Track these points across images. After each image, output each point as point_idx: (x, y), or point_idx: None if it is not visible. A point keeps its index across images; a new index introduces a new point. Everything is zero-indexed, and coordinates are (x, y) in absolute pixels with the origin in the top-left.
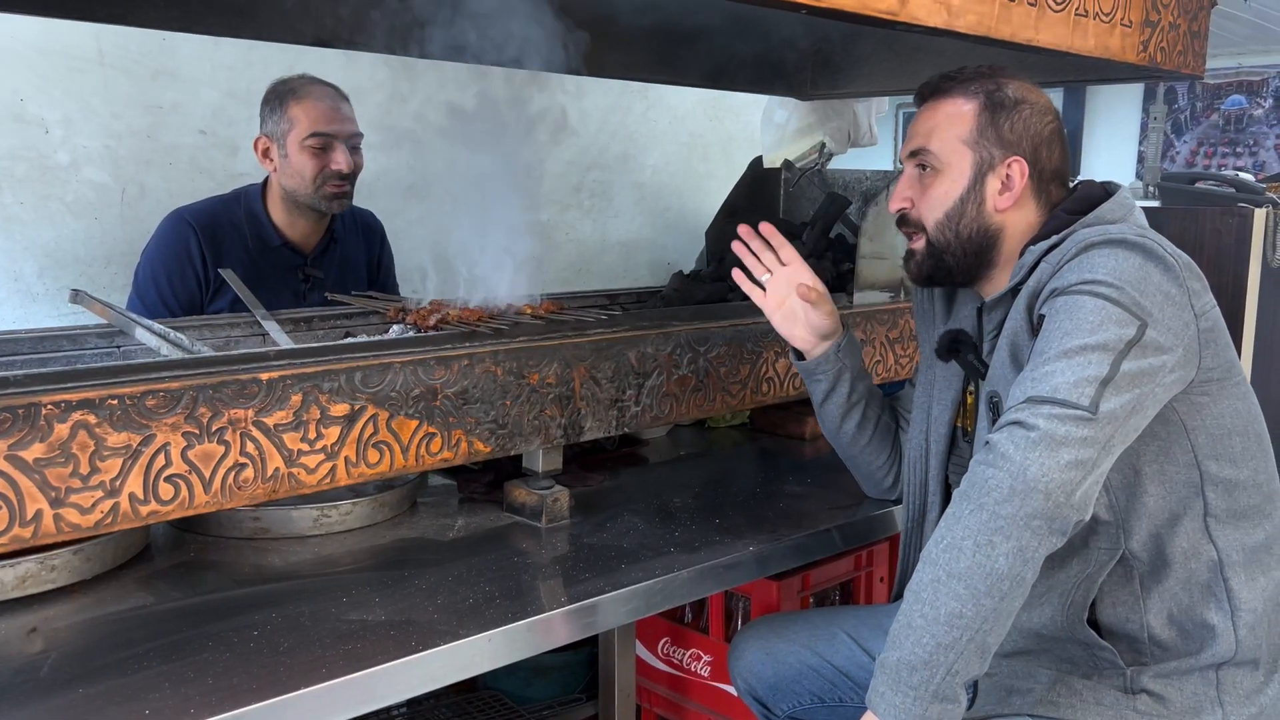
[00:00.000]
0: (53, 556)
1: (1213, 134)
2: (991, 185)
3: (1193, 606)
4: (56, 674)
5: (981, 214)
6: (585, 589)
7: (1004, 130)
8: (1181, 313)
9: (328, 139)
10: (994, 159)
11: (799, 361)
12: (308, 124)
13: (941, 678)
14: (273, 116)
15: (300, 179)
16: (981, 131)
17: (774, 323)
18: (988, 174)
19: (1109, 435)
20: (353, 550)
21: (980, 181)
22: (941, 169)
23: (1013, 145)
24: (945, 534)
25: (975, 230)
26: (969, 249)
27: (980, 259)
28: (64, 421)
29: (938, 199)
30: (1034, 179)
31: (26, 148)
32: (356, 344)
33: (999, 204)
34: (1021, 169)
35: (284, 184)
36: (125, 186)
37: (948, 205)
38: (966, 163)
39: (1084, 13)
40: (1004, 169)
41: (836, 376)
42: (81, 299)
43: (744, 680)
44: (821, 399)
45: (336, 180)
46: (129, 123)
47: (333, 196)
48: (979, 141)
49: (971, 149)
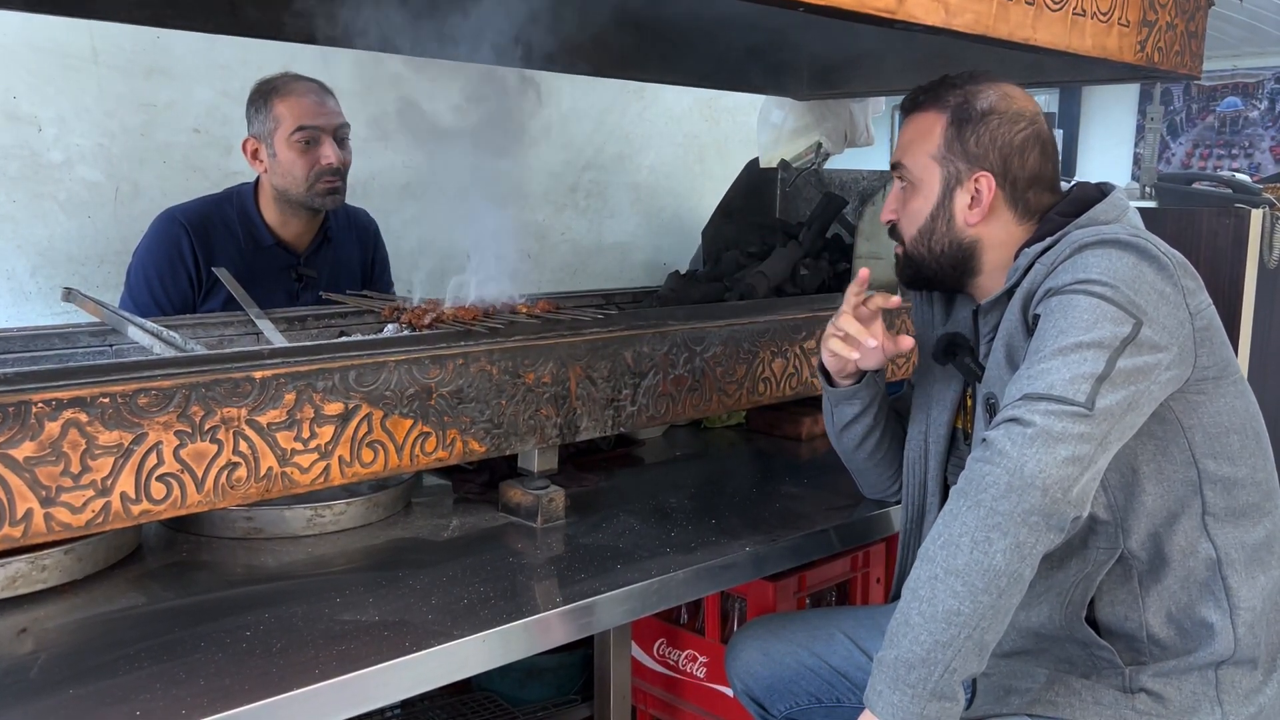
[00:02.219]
0: (43, 556)
1: (1208, 136)
2: (960, 200)
3: (1191, 605)
4: (46, 675)
5: (952, 229)
6: (581, 589)
7: (969, 144)
8: (1176, 311)
9: (314, 133)
10: (961, 174)
11: (831, 388)
12: (293, 120)
13: (939, 675)
14: (258, 116)
15: (291, 177)
16: (948, 146)
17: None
18: (955, 189)
19: (1105, 431)
20: (346, 550)
21: (949, 197)
22: (915, 184)
23: (979, 159)
24: (943, 531)
25: (948, 245)
26: (944, 262)
27: (959, 270)
28: (55, 420)
29: (913, 214)
30: (1006, 190)
31: (19, 145)
32: (351, 343)
33: (969, 219)
34: (989, 183)
35: (275, 184)
36: (118, 185)
37: (920, 221)
38: (935, 179)
39: (1081, 12)
40: (971, 184)
41: (866, 405)
42: (74, 297)
43: (741, 680)
44: (845, 423)
45: (328, 176)
46: (122, 121)
47: (325, 193)
48: (946, 157)
49: (940, 165)
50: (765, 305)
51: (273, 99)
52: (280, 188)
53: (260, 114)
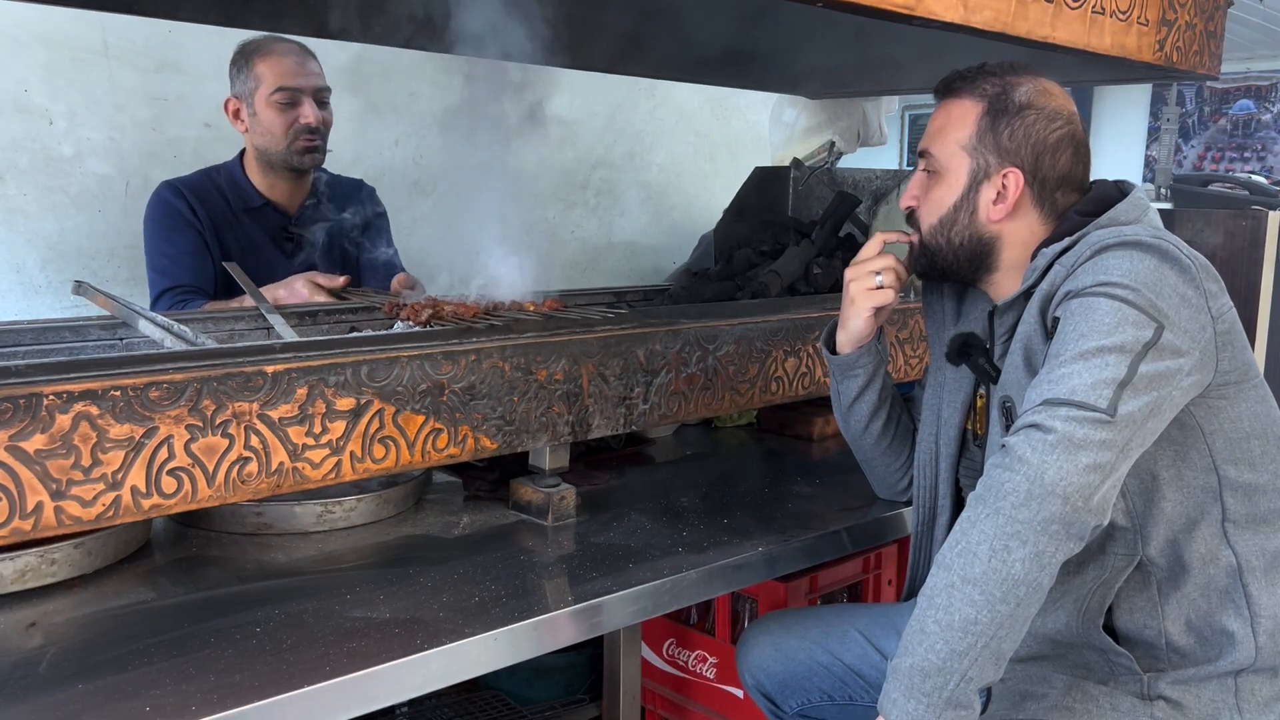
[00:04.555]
0: (53, 550)
1: (1220, 139)
2: (985, 194)
3: (1211, 613)
4: (55, 669)
5: (974, 222)
6: (592, 588)
7: (1003, 138)
8: (1198, 315)
9: (294, 93)
10: (990, 167)
11: (836, 357)
12: (273, 79)
13: (955, 684)
14: (240, 76)
15: (271, 136)
16: (980, 138)
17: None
18: (983, 183)
19: (1127, 438)
20: (357, 547)
21: (975, 190)
22: (940, 173)
23: (1010, 154)
24: (960, 538)
25: (967, 238)
26: (961, 255)
27: (976, 264)
28: (66, 412)
29: (934, 203)
30: (1033, 189)
31: (30, 139)
32: (363, 338)
33: (992, 214)
34: (1017, 180)
35: (256, 144)
36: (129, 179)
37: (942, 211)
38: (963, 169)
39: (1100, 10)
40: (999, 179)
41: (873, 370)
42: (84, 290)
43: (752, 676)
44: (855, 395)
45: (306, 135)
46: (133, 115)
47: (304, 151)
48: (977, 148)
49: (970, 155)
50: (778, 304)
51: (254, 59)
52: (260, 147)
53: (242, 74)
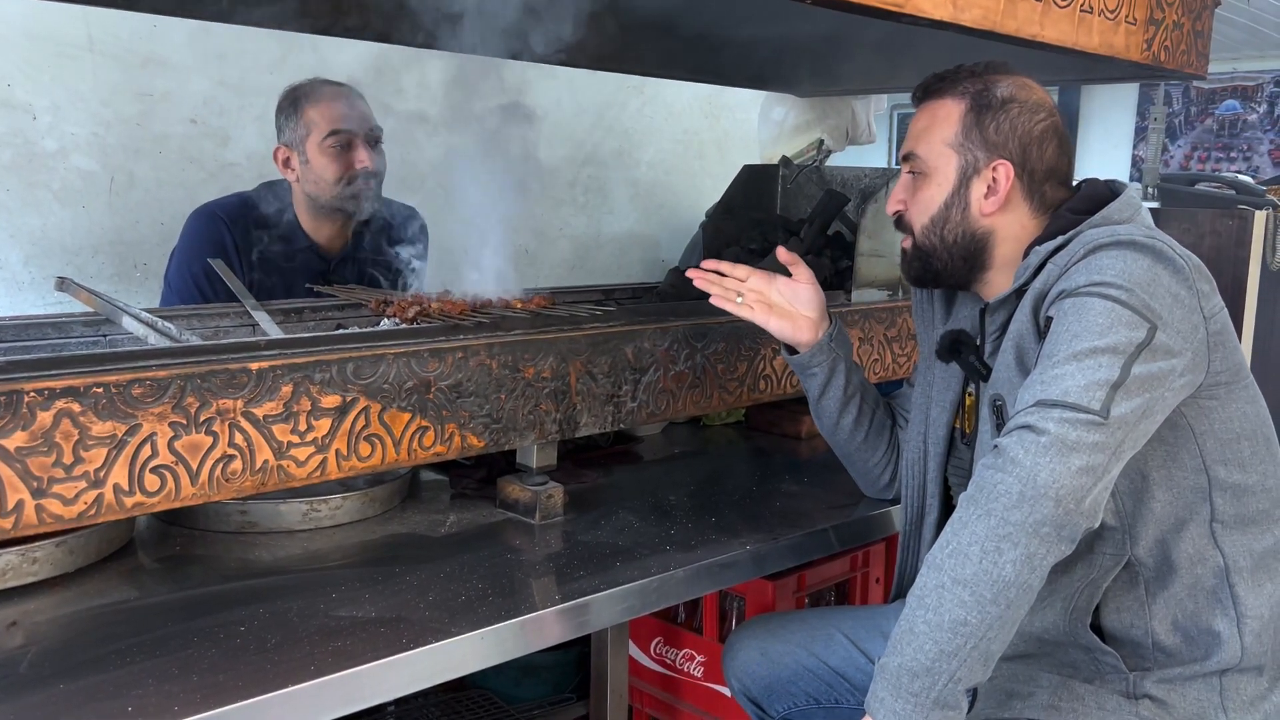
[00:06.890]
0: (34, 548)
1: (1207, 139)
2: (976, 189)
3: (1198, 613)
4: (36, 669)
5: (967, 219)
6: (579, 587)
7: (989, 132)
8: (1191, 315)
9: (348, 136)
10: (979, 162)
11: (793, 357)
12: (326, 124)
13: (943, 685)
14: (289, 124)
15: (324, 183)
16: (966, 134)
17: (772, 328)
18: (973, 178)
19: (1120, 440)
20: (342, 545)
21: (965, 186)
22: (928, 173)
23: (998, 147)
24: (951, 539)
25: (961, 235)
26: (955, 254)
27: (970, 263)
28: (47, 409)
29: (924, 203)
30: (1023, 181)
31: (13, 134)
32: (349, 335)
33: (985, 208)
34: (1007, 172)
35: (307, 190)
36: (113, 175)
37: (933, 210)
38: (951, 167)
39: (1089, 9)
40: (989, 172)
41: (832, 367)
42: (68, 286)
43: (738, 680)
44: (819, 393)
45: (363, 180)
46: (118, 110)
47: (357, 196)
48: (964, 144)
49: (957, 152)
50: None
51: (303, 104)
52: (312, 194)
53: (290, 121)
